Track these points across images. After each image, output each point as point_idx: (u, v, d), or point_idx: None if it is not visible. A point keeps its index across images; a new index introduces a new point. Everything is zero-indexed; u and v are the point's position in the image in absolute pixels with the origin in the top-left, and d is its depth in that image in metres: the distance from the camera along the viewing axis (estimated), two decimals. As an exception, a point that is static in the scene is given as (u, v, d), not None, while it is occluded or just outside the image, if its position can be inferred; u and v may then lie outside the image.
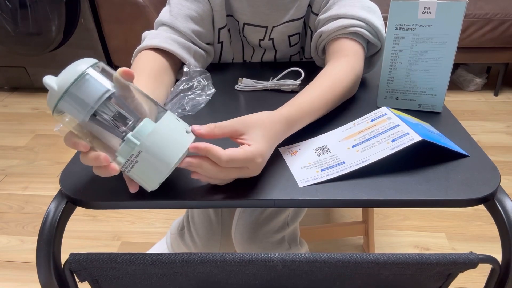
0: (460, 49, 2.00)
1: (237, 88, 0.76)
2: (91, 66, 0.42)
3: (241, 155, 0.45)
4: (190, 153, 0.45)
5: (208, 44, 0.82)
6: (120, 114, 0.44)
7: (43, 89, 2.41)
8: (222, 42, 0.85)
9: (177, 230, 1.04)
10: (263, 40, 0.84)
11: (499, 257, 0.47)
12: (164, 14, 0.77)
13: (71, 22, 2.10)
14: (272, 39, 0.84)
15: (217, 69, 0.84)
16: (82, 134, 0.44)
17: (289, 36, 0.84)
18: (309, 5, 0.80)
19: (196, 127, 0.46)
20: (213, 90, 0.72)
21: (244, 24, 0.82)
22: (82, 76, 0.41)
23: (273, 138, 0.51)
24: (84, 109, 0.42)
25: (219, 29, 0.82)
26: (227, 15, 0.82)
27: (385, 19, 0.60)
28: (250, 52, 0.89)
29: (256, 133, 0.48)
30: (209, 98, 0.71)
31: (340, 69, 0.66)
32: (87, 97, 0.42)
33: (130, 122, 0.45)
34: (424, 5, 0.58)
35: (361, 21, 0.70)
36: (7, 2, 2.00)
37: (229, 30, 0.85)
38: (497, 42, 2.01)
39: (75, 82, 0.41)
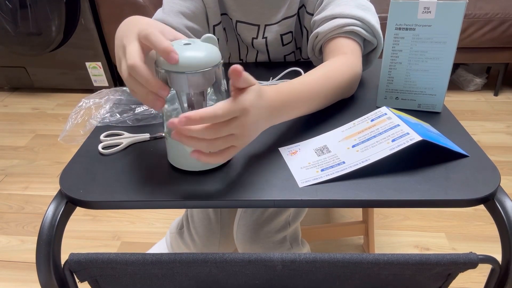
0: (460, 49, 2.00)
1: (237, 88, 0.76)
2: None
3: (234, 100, 0.44)
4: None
5: None
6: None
7: (43, 89, 2.41)
8: (217, 40, 0.85)
9: (177, 229, 1.04)
10: (256, 38, 0.84)
11: (499, 257, 0.47)
12: (157, 13, 0.79)
13: (71, 22, 2.10)
14: (266, 38, 0.84)
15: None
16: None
17: (281, 35, 0.84)
18: (303, 6, 0.81)
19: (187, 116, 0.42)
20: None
21: (237, 21, 0.83)
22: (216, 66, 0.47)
23: (262, 97, 0.48)
24: (186, 89, 0.47)
25: (214, 26, 0.83)
26: (222, 14, 0.83)
27: (384, 19, 0.60)
28: (245, 51, 0.89)
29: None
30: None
31: (338, 63, 0.66)
32: (199, 85, 0.47)
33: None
34: (424, 5, 0.58)
35: (357, 19, 0.70)
36: (7, 2, 2.00)
37: (224, 28, 0.85)
38: (497, 42, 2.01)
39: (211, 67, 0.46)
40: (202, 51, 0.46)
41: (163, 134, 0.61)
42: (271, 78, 0.76)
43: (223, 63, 0.50)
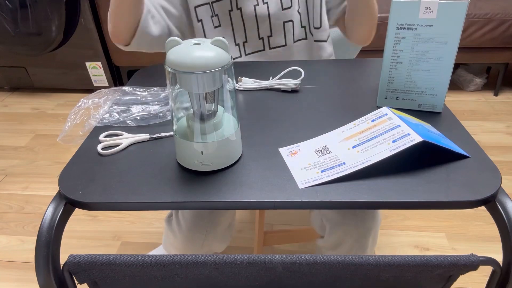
0: (460, 49, 1.99)
1: (237, 88, 0.76)
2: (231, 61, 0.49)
3: None
4: None
5: (179, 27, 0.88)
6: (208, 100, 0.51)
7: (43, 89, 2.41)
8: (201, 20, 0.88)
9: (167, 217, 1.04)
10: (257, 5, 0.87)
11: (499, 256, 0.47)
12: None
13: (71, 22, 2.09)
14: (267, 3, 0.87)
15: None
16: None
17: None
18: None
19: None
20: None
21: None
22: (226, 66, 0.47)
23: None
24: (194, 88, 0.48)
25: (195, 7, 0.86)
26: (215, 1, 0.86)
27: (386, 19, 0.60)
28: (242, 32, 0.91)
29: None
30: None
31: None
32: (208, 85, 0.48)
33: (209, 113, 0.52)
34: (425, 5, 0.58)
35: None
36: (7, 2, 1.99)
37: (217, 14, 0.87)
38: (497, 42, 2.00)
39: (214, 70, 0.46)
40: (211, 52, 0.46)
41: (163, 135, 0.61)
42: (271, 77, 0.76)
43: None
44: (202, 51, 0.46)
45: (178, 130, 0.53)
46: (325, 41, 0.94)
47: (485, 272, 0.49)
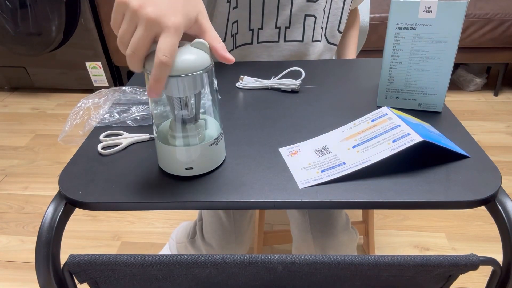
0: (460, 49, 2.00)
1: (237, 86, 0.76)
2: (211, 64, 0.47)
3: None
4: None
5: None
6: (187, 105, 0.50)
7: (43, 89, 2.41)
8: (230, 1, 0.83)
9: (187, 238, 1.02)
10: None
11: (498, 256, 0.47)
12: None
13: (71, 22, 2.10)
14: None
15: (218, 66, 0.84)
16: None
17: None
18: None
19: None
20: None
21: None
22: (205, 70, 0.46)
23: None
24: (176, 92, 0.47)
25: None
26: None
27: (385, 18, 0.60)
28: (259, 17, 0.86)
29: None
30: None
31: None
32: (189, 88, 0.47)
33: (191, 116, 0.51)
34: (425, 4, 0.58)
35: None
36: (7, 2, 1.99)
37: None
38: (497, 42, 2.01)
39: (198, 72, 0.45)
40: (192, 55, 0.45)
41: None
42: (272, 77, 0.76)
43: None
44: (183, 54, 0.45)
45: (159, 135, 0.52)
46: (337, 45, 0.94)
47: (485, 272, 0.49)
